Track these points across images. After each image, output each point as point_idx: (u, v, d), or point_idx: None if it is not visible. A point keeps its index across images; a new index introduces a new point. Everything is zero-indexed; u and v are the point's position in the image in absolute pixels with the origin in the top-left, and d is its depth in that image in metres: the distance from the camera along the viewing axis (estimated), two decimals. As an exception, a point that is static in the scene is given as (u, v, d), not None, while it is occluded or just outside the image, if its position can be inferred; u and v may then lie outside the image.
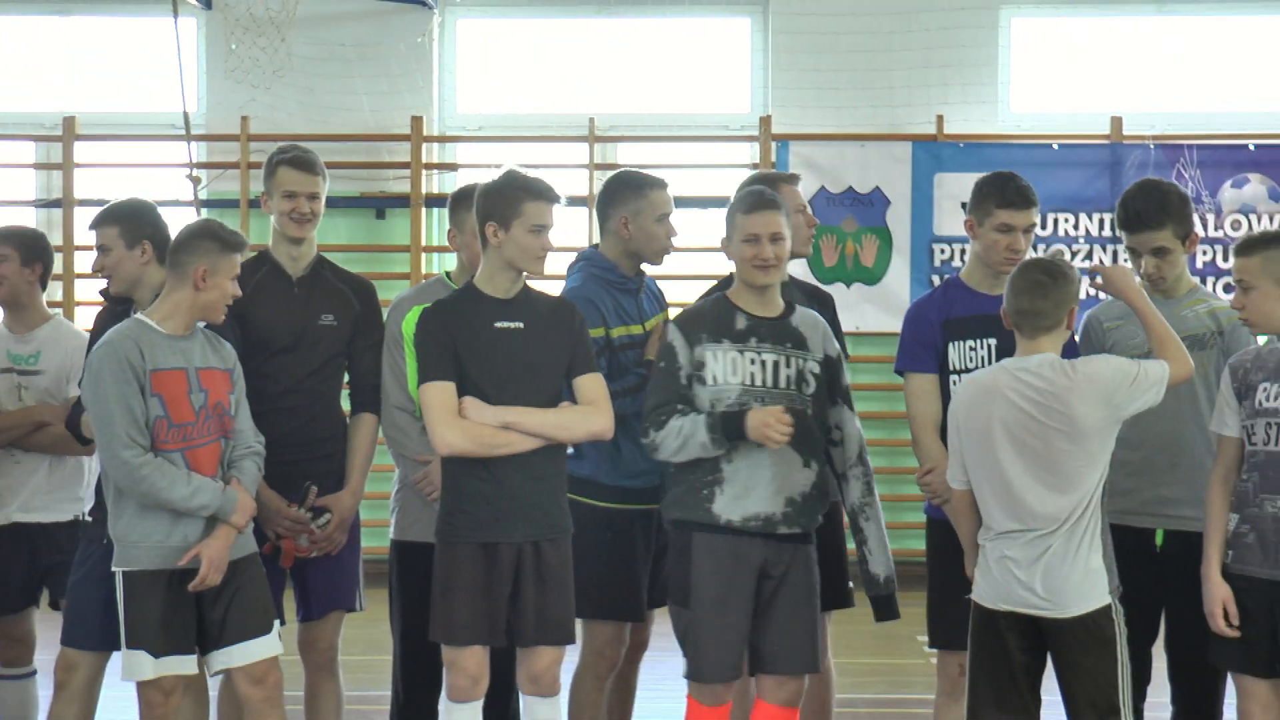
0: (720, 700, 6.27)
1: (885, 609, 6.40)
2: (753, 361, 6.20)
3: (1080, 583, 5.82)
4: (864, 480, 6.35)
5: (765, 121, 13.81)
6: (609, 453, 6.63)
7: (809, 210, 6.97)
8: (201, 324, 6.32)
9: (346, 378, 6.97)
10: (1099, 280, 6.22)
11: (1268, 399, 6.02)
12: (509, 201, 6.15)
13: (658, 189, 6.82)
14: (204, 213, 13.30)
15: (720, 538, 6.20)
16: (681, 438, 6.15)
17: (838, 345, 6.36)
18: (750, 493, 6.17)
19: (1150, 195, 6.48)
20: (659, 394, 6.25)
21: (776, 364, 6.21)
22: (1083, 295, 5.99)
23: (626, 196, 6.80)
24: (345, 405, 6.99)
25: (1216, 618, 6.04)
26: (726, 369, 6.20)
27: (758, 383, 6.18)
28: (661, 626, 6.69)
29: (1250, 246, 6.13)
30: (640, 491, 6.69)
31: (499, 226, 6.15)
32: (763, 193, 6.31)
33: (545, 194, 6.20)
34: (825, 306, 6.94)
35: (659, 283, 7.11)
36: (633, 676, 7.08)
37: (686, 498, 6.25)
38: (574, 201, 13.48)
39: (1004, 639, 5.91)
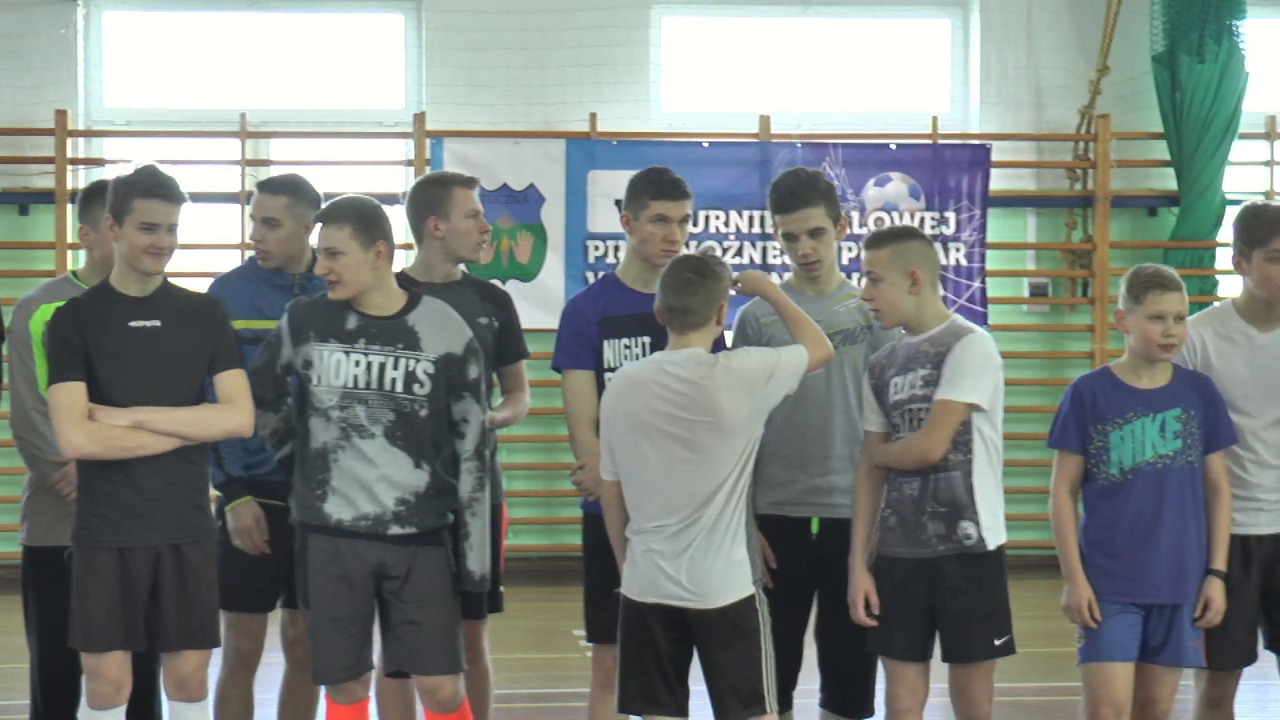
0: (354, 697, 6.25)
1: (476, 607, 6.40)
2: (358, 363, 6.14)
3: (724, 574, 5.88)
4: (476, 475, 6.27)
5: (420, 118, 13.76)
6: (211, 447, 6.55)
7: (482, 215, 6.95)
8: None
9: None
10: (740, 286, 6.30)
11: (896, 391, 6.20)
12: (122, 198, 6.07)
13: (258, 193, 6.90)
14: None
15: (332, 539, 6.16)
16: None
17: (468, 340, 6.25)
18: (359, 493, 6.13)
19: (800, 177, 6.60)
20: (253, 384, 6.26)
21: (383, 365, 6.15)
22: (734, 292, 6.07)
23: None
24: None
25: (856, 607, 6.22)
26: (330, 371, 6.15)
27: (360, 385, 6.13)
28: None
29: (880, 240, 6.28)
30: (253, 484, 6.63)
31: (114, 222, 6.08)
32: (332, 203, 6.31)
33: (155, 191, 6.09)
34: (501, 306, 6.96)
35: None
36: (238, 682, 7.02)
37: (303, 497, 6.21)
38: (225, 198, 13.33)
39: (651, 631, 5.95)
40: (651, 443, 5.93)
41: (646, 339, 6.46)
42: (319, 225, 6.22)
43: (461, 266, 6.98)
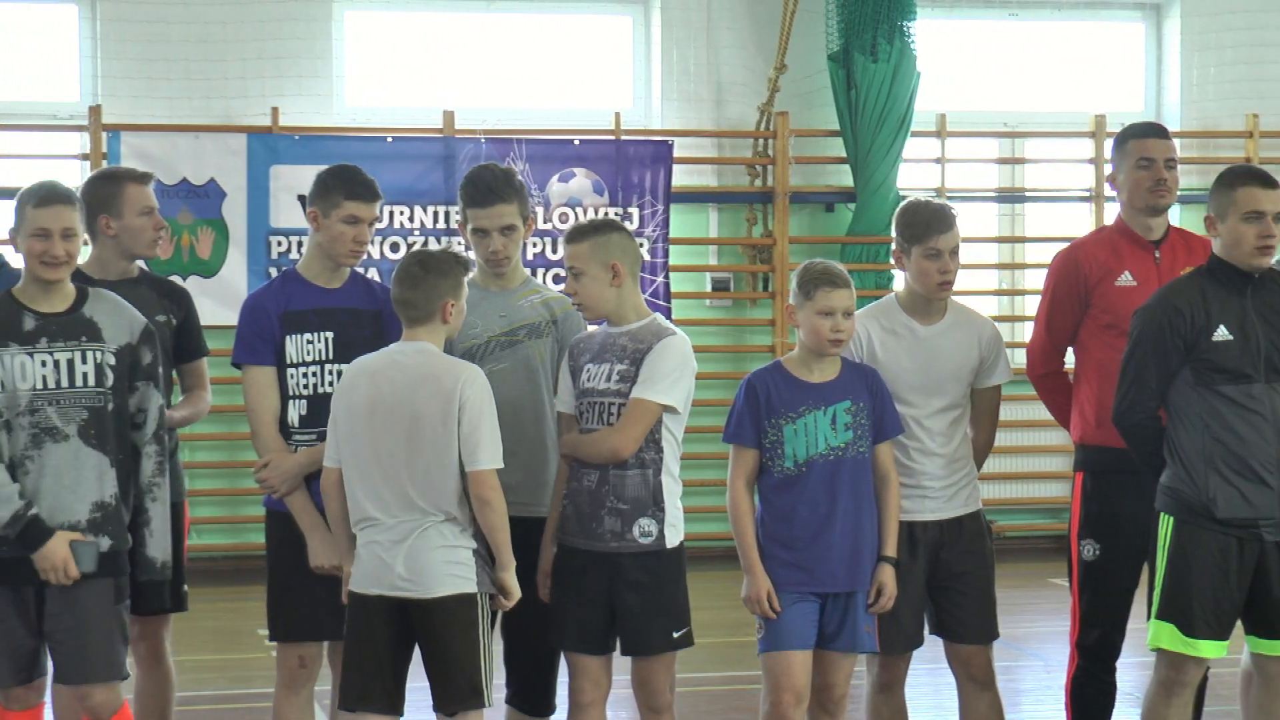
0: (26, 704, 6.14)
1: (158, 596, 6.34)
2: (44, 364, 6.00)
3: (444, 565, 5.90)
4: (156, 460, 6.19)
5: (95, 111, 13.47)
6: None
7: (157, 212, 6.86)
8: None
9: None
10: None
11: (589, 378, 6.27)
12: None
13: None
14: None
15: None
16: None
17: (142, 327, 6.13)
18: (52, 505, 5.97)
19: (495, 173, 6.62)
20: None
21: (72, 361, 6.02)
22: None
23: None
24: None
25: (541, 588, 6.31)
26: (16, 374, 5.98)
27: (51, 385, 5.99)
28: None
29: (580, 234, 6.33)
30: None
31: None
32: (54, 188, 6.11)
33: None
34: (180, 303, 6.89)
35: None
36: None
37: None
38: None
39: (373, 625, 5.95)
40: (375, 432, 5.93)
41: (329, 334, 6.43)
42: (57, 205, 6.02)
43: (140, 263, 6.89)
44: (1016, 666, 9.87)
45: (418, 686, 6.09)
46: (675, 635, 6.24)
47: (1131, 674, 8.17)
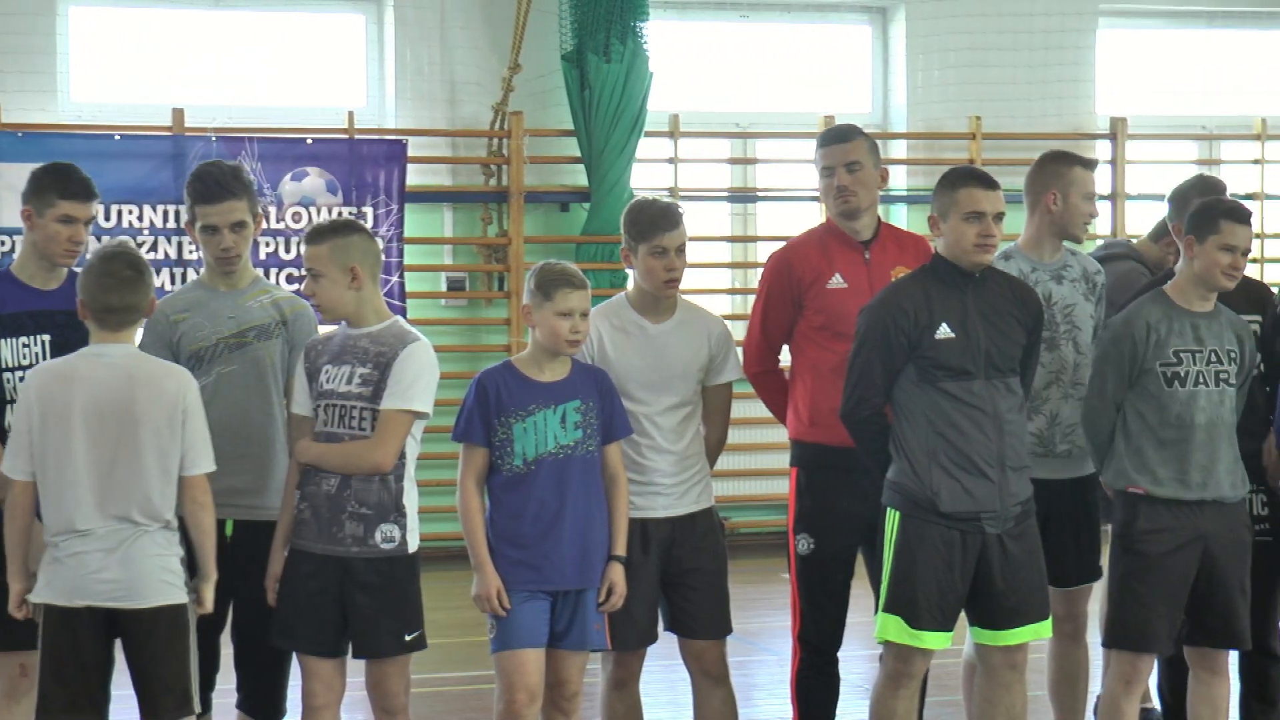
0: None
1: None
2: None
3: (159, 574, 5.83)
4: None
5: None
6: None
7: None
8: None
9: None
10: None
11: (328, 380, 6.21)
12: None
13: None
14: None
15: None
16: None
17: None
18: None
19: (223, 169, 6.56)
20: None
21: None
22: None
23: None
24: None
25: (270, 591, 6.25)
26: None
27: None
28: None
29: (319, 235, 6.28)
30: None
31: None
32: None
33: None
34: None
35: None
36: None
37: None
38: None
39: (78, 637, 5.83)
40: (87, 439, 5.80)
41: (45, 337, 6.32)
42: None
43: None
44: (750, 661, 9.99)
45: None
46: (407, 638, 6.22)
47: (860, 666, 8.32)
